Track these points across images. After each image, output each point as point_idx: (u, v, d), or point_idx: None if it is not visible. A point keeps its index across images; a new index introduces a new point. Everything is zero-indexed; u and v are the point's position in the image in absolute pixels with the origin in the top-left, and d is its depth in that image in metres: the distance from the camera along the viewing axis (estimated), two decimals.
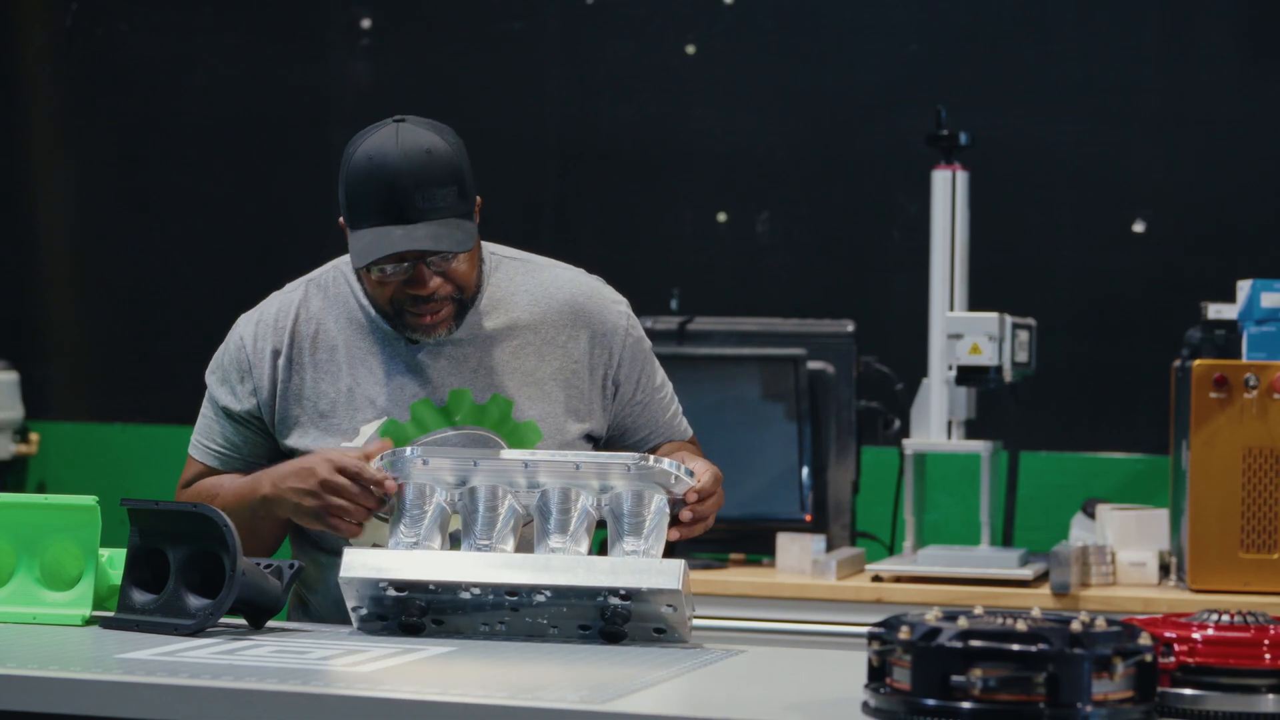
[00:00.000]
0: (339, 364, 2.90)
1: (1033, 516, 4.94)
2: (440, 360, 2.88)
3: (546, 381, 2.90)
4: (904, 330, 4.94)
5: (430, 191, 2.77)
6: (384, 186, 2.79)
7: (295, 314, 2.93)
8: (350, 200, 2.84)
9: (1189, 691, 2.06)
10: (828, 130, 5.37)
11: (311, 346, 2.91)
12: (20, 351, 5.87)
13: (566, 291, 2.95)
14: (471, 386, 2.88)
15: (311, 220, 5.72)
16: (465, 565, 2.61)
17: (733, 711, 2.10)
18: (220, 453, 2.95)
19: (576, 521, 2.65)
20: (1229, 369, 4.16)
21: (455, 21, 5.63)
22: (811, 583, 4.34)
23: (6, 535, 2.73)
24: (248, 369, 2.92)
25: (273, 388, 2.90)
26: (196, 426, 2.99)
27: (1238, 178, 5.12)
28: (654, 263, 5.34)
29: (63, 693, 2.22)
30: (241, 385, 2.92)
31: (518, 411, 2.88)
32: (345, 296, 2.94)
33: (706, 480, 2.69)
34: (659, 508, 2.66)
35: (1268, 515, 4.15)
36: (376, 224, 2.79)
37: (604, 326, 2.95)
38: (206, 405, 2.98)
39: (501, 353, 2.90)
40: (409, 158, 2.79)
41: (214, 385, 2.96)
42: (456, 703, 2.11)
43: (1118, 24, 5.20)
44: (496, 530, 2.66)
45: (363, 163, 2.82)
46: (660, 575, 2.57)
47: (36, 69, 5.96)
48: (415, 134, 2.81)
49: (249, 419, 2.93)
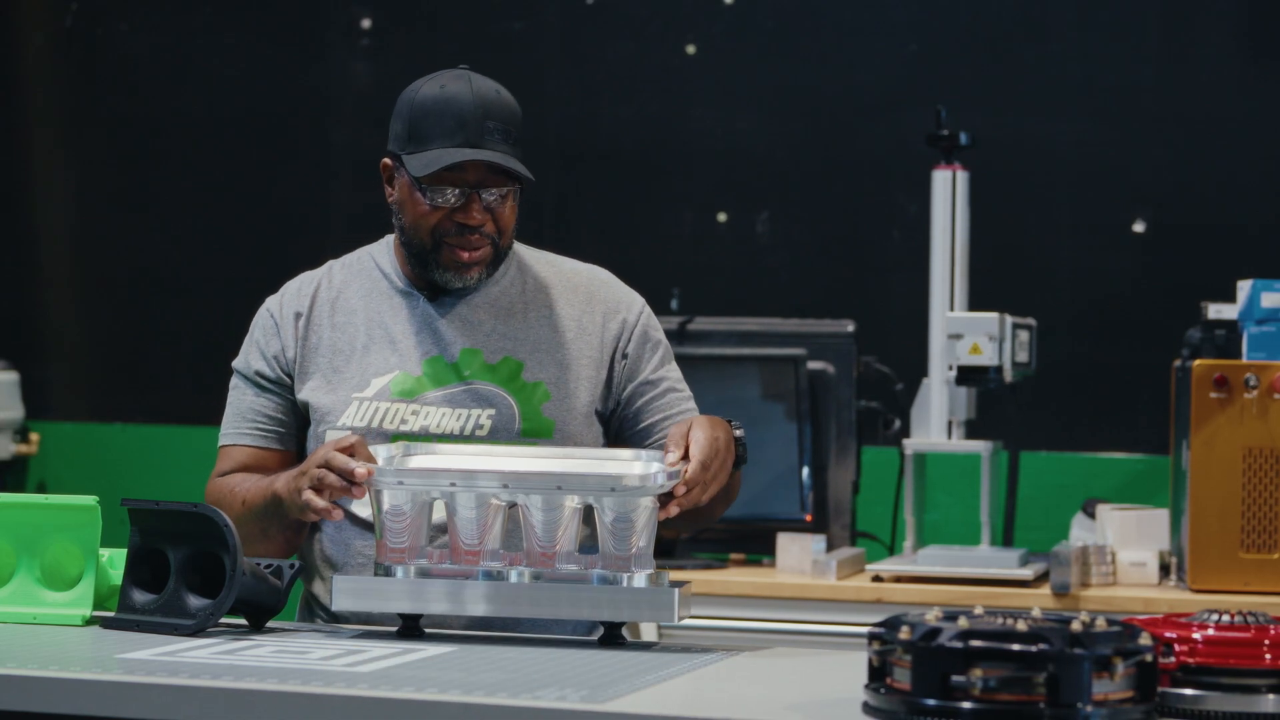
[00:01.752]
0: (357, 325, 2.96)
1: (1033, 516, 4.94)
2: (455, 322, 2.94)
3: (559, 349, 2.94)
4: (904, 330, 4.94)
5: (498, 125, 2.87)
6: (456, 112, 2.86)
7: (317, 284, 3.02)
8: (415, 125, 2.89)
9: (1189, 691, 2.06)
10: (828, 130, 5.37)
11: (331, 310, 2.98)
12: (20, 351, 5.87)
13: (584, 277, 3.03)
14: (484, 349, 2.93)
15: (311, 220, 5.73)
16: (457, 597, 2.58)
17: (733, 711, 2.10)
18: (255, 428, 2.97)
19: (561, 532, 2.62)
20: (1229, 369, 4.16)
21: (455, 21, 5.63)
22: (811, 583, 4.34)
23: (7, 535, 2.73)
24: (274, 331, 2.98)
25: (296, 345, 2.96)
26: (225, 419, 3.01)
27: (1238, 178, 5.12)
28: (654, 263, 5.34)
29: (63, 693, 2.22)
30: (268, 348, 2.97)
31: (528, 373, 2.92)
32: (369, 269, 3.01)
33: (694, 470, 2.65)
34: (646, 504, 2.62)
35: (1268, 515, 4.15)
36: (444, 145, 2.86)
37: (619, 306, 3.00)
38: (234, 389, 3.01)
39: (515, 321, 2.95)
40: (480, 93, 2.88)
41: (243, 361, 3.00)
42: (456, 702, 2.11)
43: (1118, 24, 5.20)
44: (481, 535, 2.63)
45: (433, 92, 2.89)
46: (655, 609, 2.56)
47: (36, 69, 5.96)
48: (483, 79, 2.92)
49: (279, 384, 2.96)
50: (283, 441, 2.97)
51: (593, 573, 2.59)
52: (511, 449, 2.79)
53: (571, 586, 2.58)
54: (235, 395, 3.01)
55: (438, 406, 2.88)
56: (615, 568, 2.57)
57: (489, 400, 2.89)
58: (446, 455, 2.74)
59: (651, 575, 2.58)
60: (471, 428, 2.87)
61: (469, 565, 2.61)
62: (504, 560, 2.62)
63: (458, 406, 2.89)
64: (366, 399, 2.90)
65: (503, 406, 2.89)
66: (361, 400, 2.90)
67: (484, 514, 2.61)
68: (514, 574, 2.60)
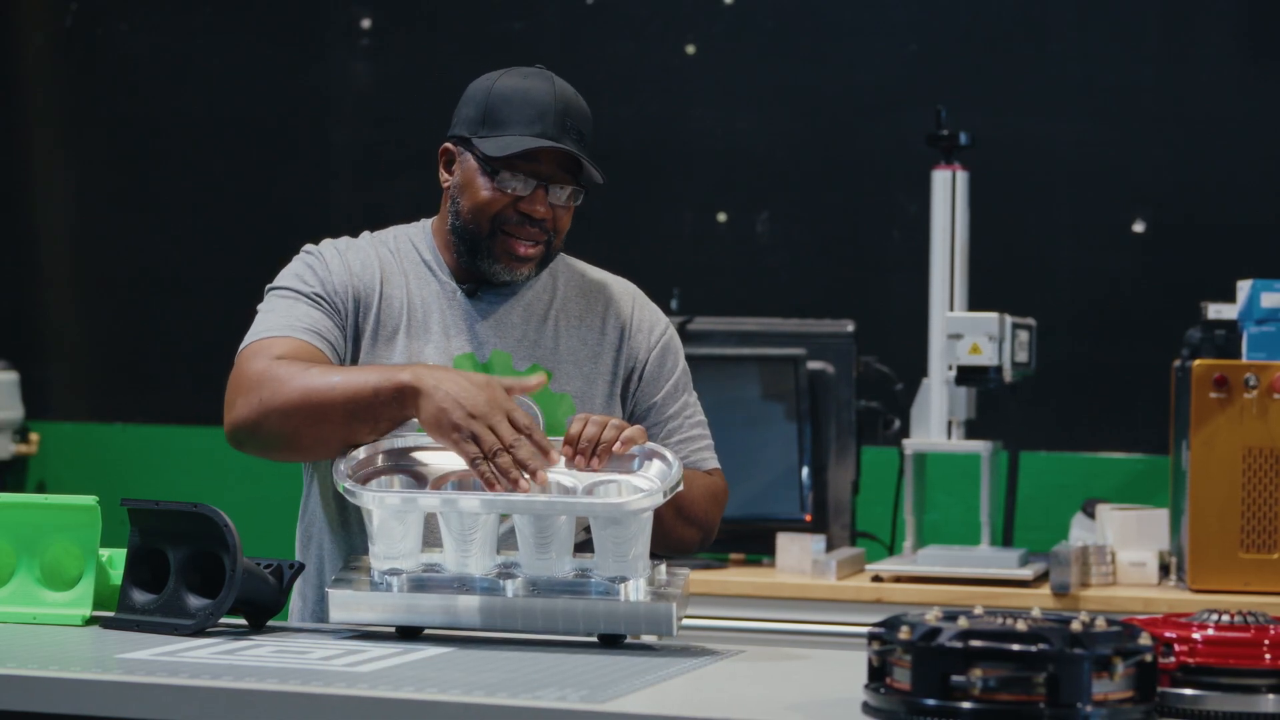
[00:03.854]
0: (400, 301, 2.87)
1: (1033, 516, 4.94)
2: (490, 323, 2.90)
3: (584, 363, 2.92)
4: (904, 330, 4.95)
5: (575, 124, 2.85)
6: (537, 103, 2.83)
7: (365, 249, 2.90)
8: (492, 111, 2.84)
9: (1189, 691, 2.06)
10: (828, 130, 5.37)
11: (381, 278, 2.88)
12: (20, 351, 5.87)
13: (615, 290, 3.01)
14: (514, 354, 2.90)
15: (311, 220, 5.73)
16: (451, 611, 2.57)
17: (733, 711, 2.10)
18: (312, 332, 2.79)
19: (555, 541, 2.60)
20: (1229, 369, 4.16)
21: (455, 21, 5.63)
22: (811, 583, 4.34)
23: (6, 535, 2.73)
24: (325, 264, 2.85)
25: (350, 297, 2.85)
26: (260, 324, 2.80)
27: (1238, 178, 5.12)
28: (654, 263, 5.34)
29: (63, 693, 2.22)
30: (332, 276, 2.84)
31: (555, 385, 2.90)
32: (409, 252, 2.93)
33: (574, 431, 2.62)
34: None
35: (1268, 515, 4.15)
36: (524, 133, 2.82)
37: (644, 323, 2.97)
38: (282, 297, 2.84)
39: (546, 330, 2.92)
40: (562, 92, 2.86)
41: (294, 279, 2.85)
42: (456, 702, 2.11)
43: (1118, 24, 5.20)
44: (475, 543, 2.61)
45: (515, 82, 2.86)
46: (653, 623, 2.55)
47: (36, 69, 5.96)
48: (563, 81, 2.89)
49: (335, 308, 2.83)
50: (331, 350, 2.80)
51: (590, 582, 2.55)
52: None
53: (568, 600, 2.54)
54: (283, 303, 2.82)
55: None
56: (612, 574, 2.55)
57: None
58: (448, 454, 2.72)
59: (650, 578, 2.56)
60: None
61: (463, 572, 2.59)
62: (498, 566, 2.60)
63: None
64: None
65: (529, 413, 2.85)
66: None
67: (476, 521, 2.59)
68: (509, 586, 2.55)
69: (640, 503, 2.53)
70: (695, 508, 2.85)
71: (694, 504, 2.84)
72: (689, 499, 2.79)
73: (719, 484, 2.96)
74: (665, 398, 2.95)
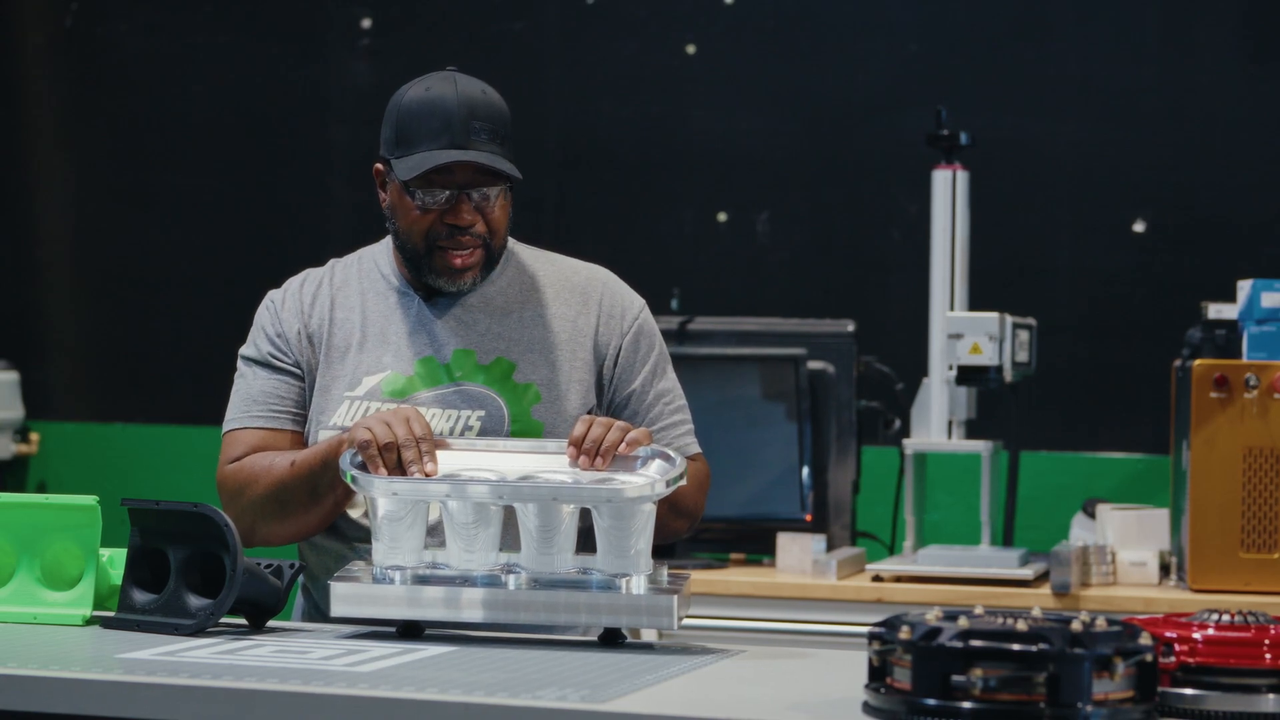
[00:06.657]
0: (353, 323, 2.96)
1: (1033, 516, 4.94)
2: (450, 322, 2.94)
3: (552, 351, 2.93)
4: (904, 330, 4.95)
5: (484, 125, 2.87)
6: (441, 114, 2.87)
7: (319, 280, 3.02)
8: (402, 129, 2.90)
9: (1189, 691, 2.06)
10: (828, 130, 5.37)
11: (331, 306, 2.97)
12: (20, 351, 5.87)
13: (583, 276, 3.02)
14: (477, 349, 2.92)
15: (311, 220, 5.73)
16: (459, 603, 2.58)
17: (733, 711, 2.10)
18: (268, 410, 2.94)
19: (559, 535, 2.61)
20: (1229, 369, 4.16)
21: (455, 21, 5.63)
22: (812, 583, 4.34)
23: (7, 535, 2.73)
24: (286, 316, 2.97)
25: (301, 336, 2.96)
26: (232, 406, 2.98)
27: (1238, 177, 5.12)
28: (654, 263, 5.34)
29: (63, 693, 2.22)
30: (279, 330, 2.96)
31: (519, 375, 2.91)
32: (368, 269, 3.01)
33: (578, 433, 2.68)
34: (644, 506, 2.61)
35: (1268, 515, 4.15)
36: (430, 148, 2.86)
37: (615, 309, 2.99)
38: (242, 376, 2.98)
39: (510, 321, 2.95)
40: (465, 94, 2.88)
41: (252, 347, 2.98)
42: (456, 702, 2.11)
43: (1118, 24, 5.20)
44: (478, 540, 2.62)
45: (419, 95, 2.90)
46: (655, 615, 2.55)
47: (36, 69, 5.96)
48: (469, 79, 2.92)
49: (293, 365, 2.95)
50: (296, 423, 2.94)
51: (591, 577, 2.57)
52: (516, 442, 2.78)
53: (570, 593, 2.56)
54: (243, 382, 2.98)
55: (428, 407, 2.88)
56: (614, 570, 2.56)
57: (479, 401, 2.89)
58: (451, 452, 2.73)
59: (651, 576, 2.57)
60: (461, 429, 2.87)
61: (466, 569, 2.60)
62: (501, 564, 2.61)
63: (448, 407, 2.89)
64: (358, 398, 2.90)
65: (493, 408, 2.89)
66: (353, 399, 2.90)
67: (480, 517, 2.60)
68: (512, 580, 2.58)
69: (641, 490, 2.56)
70: (686, 500, 2.89)
71: (685, 496, 2.87)
72: (681, 491, 2.81)
73: (703, 469, 3.01)
74: (643, 384, 2.98)
